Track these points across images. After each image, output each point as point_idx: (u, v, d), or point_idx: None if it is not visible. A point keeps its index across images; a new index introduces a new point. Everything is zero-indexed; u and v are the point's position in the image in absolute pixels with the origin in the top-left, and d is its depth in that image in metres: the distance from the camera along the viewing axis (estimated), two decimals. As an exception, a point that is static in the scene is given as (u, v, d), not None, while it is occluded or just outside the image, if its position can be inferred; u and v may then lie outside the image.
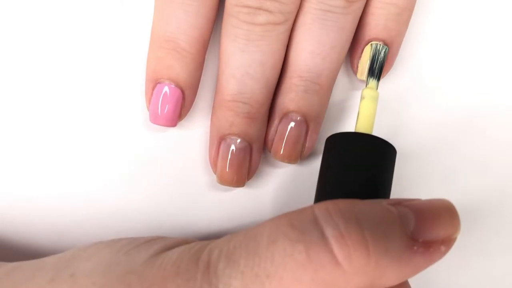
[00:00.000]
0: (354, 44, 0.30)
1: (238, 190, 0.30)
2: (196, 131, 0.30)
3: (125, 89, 0.30)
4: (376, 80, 0.27)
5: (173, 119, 0.29)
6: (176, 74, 0.28)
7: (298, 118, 0.28)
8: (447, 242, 0.21)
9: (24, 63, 0.30)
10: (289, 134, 0.29)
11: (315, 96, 0.28)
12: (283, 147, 0.29)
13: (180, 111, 0.29)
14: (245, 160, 0.28)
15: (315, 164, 0.30)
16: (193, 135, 0.30)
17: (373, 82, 0.27)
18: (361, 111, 0.26)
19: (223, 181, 0.29)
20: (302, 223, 0.20)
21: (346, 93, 0.31)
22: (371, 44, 0.28)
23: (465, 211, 0.30)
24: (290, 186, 0.30)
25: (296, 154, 0.29)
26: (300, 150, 0.29)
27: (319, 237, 0.20)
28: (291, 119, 0.28)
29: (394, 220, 0.21)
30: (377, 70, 0.27)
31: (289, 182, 0.30)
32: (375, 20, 0.29)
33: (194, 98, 0.29)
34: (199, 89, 0.30)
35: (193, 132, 0.30)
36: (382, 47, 0.28)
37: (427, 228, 0.21)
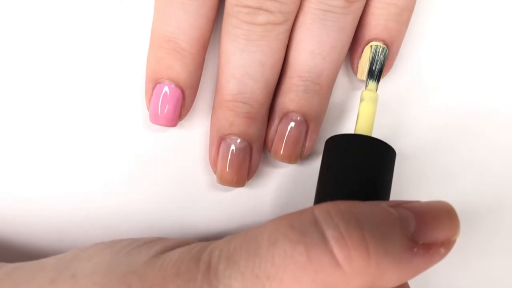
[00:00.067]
0: (354, 44, 0.30)
1: (238, 190, 0.30)
2: (196, 131, 0.30)
3: (125, 89, 0.30)
4: (376, 82, 0.27)
5: (173, 119, 0.29)
6: (176, 74, 0.28)
7: (298, 118, 0.28)
8: (447, 244, 0.21)
9: (24, 63, 0.30)
10: (289, 134, 0.29)
11: (315, 96, 0.28)
12: (283, 147, 0.29)
13: (180, 111, 0.29)
14: (245, 160, 0.28)
15: (315, 164, 0.30)
16: (193, 135, 0.30)
17: (373, 84, 0.27)
18: (361, 113, 0.26)
19: (223, 181, 0.29)
20: (303, 224, 0.20)
21: (346, 94, 0.31)
22: (371, 46, 0.28)
23: (464, 212, 0.30)
24: (290, 186, 0.30)
25: (296, 154, 0.29)
26: (300, 150, 0.29)
27: (320, 239, 0.19)
28: (291, 119, 0.28)
29: (395, 222, 0.21)
30: (377, 72, 0.27)
31: (289, 182, 0.30)
32: (375, 20, 0.29)
33: (194, 98, 0.29)
34: (199, 89, 0.30)
35: (193, 132, 0.30)
36: (382, 49, 0.28)
37: (427, 230, 0.21)
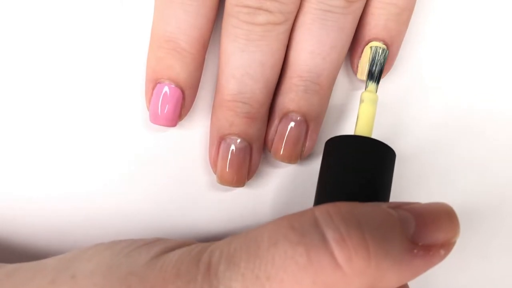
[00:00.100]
0: (354, 44, 0.30)
1: (238, 190, 0.30)
2: (196, 131, 0.30)
3: (125, 89, 0.30)
4: (376, 83, 0.27)
5: (173, 119, 0.29)
6: (176, 74, 0.28)
7: (298, 118, 0.28)
8: (447, 246, 0.21)
9: (24, 63, 0.30)
10: (289, 134, 0.29)
11: (315, 96, 0.28)
12: (283, 147, 0.29)
13: (180, 111, 0.29)
14: (245, 160, 0.28)
15: (315, 164, 0.30)
16: (193, 135, 0.30)
17: (373, 85, 0.27)
18: (361, 114, 0.26)
19: (223, 181, 0.29)
20: (303, 226, 0.20)
21: (346, 94, 0.31)
22: (371, 47, 0.28)
23: (464, 212, 0.30)
24: (290, 186, 0.30)
25: (296, 154, 0.29)
26: (300, 150, 0.29)
27: (320, 240, 0.20)
28: (291, 119, 0.28)
29: (395, 224, 0.21)
30: (377, 73, 0.27)
31: (289, 182, 0.30)
32: (375, 20, 0.29)
33: (194, 98, 0.29)
34: (199, 89, 0.30)
35: (193, 132, 0.30)
36: (382, 51, 0.28)
37: (427, 232, 0.21)
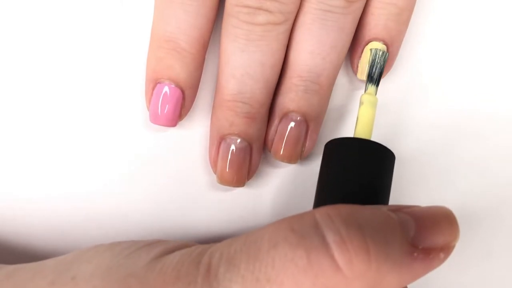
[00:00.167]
0: (354, 44, 0.30)
1: (238, 190, 0.30)
2: (196, 131, 0.30)
3: (125, 89, 0.30)
4: (375, 86, 0.27)
5: (173, 119, 0.29)
6: (176, 74, 0.28)
7: (298, 118, 0.28)
8: (446, 249, 0.21)
9: (24, 63, 0.30)
10: (289, 134, 0.29)
11: (315, 96, 0.28)
12: (283, 147, 0.29)
13: (180, 111, 0.29)
14: (245, 160, 0.28)
15: (315, 165, 0.30)
16: (193, 135, 0.30)
17: (372, 88, 0.27)
18: (360, 117, 0.26)
19: (223, 181, 0.29)
20: (303, 228, 0.20)
21: (346, 94, 0.31)
22: (371, 50, 0.28)
23: (464, 213, 0.30)
24: (290, 186, 0.30)
25: (296, 154, 0.29)
26: (300, 150, 0.29)
27: (320, 242, 0.19)
28: (291, 119, 0.28)
29: (395, 227, 0.21)
30: (376, 76, 0.27)
31: (289, 182, 0.30)
32: (375, 20, 0.29)
33: (194, 98, 0.29)
34: (199, 89, 0.30)
35: (193, 132, 0.30)
36: (382, 53, 0.28)
37: (427, 235, 0.21)
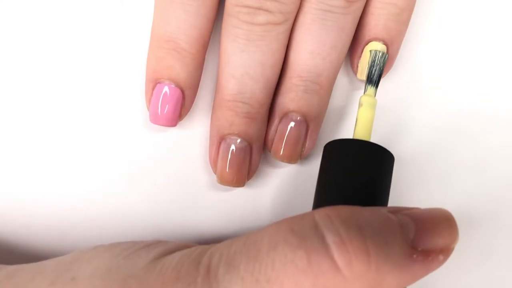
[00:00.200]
0: (354, 44, 0.30)
1: (238, 190, 0.30)
2: (196, 131, 0.30)
3: (125, 89, 0.30)
4: (375, 87, 0.27)
5: (173, 119, 0.29)
6: (176, 74, 0.28)
7: (298, 118, 0.28)
8: (445, 252, 0.21)
9: (24, 63, 0.30)
10: (289, 134, 0.29)
11: (315, 96, 0.28)
12: (283, 147, 0.29)
13: (180, 111, 0.29)
14: (245, 160, 0.28)
15: (315, 165, 0.30)
16: (193, 135, 0.30)
17: (371, 89, 0.27)
18: (359, 118, 0.26)
19: (223, 181, 0.29)
20: (303, 229, 0.20)
21: (346, 94, 0.31)
22: (370, 51, 0.28)
23: (463, 214, 0.30)
24: (290, 186, 0.30)
25: (296, 154, 0.29)
26: (300, 150, 0.29)
27: (320, 243, 0.20)
28: (291, 119, 0.28)
29: (395, 228, 0.21)
30: (376, 78, 0.27)
31: (289, 182, 0.30)
32: (375, 20, 0.29)
33: (194, 98, 0.29)
34: (199, 89, 0.30)
35: (193, 132, 0.30)
36: (382, 55, 0.28)
37: (427, 237, 0.21)
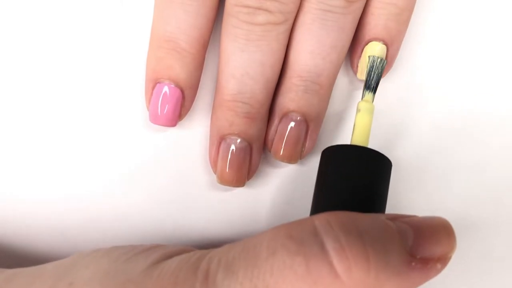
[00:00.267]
0: (354, 44, 0.30)
1: (238, 190, 0.30)
2: (196, 131, 0.30)
3: (125, 89, 0.30)
4: (372, 93, 0.27)
5: (173, 119, 0.29)
6: (176, 74, 0.28)
7: (298, 118, 0.28)
8: (443, 260, 0.21)
9: (24, 64, 0.30)
10: (289, 134, 0.29)
11: (315, 96, 0.28)
12: (283, 147, 0.29)
13: (180, 111, 0.29)
14: (245, 160, 0.28)
15: (315, 164, 0.30)
16: (193, 135, 0.30)
17: (369, 95, 0.27)
18: (357, 124, 0.26)
19: (223, 181, 0.29)
20: (302, 235, 0.20)
21: (346, 94, 0.31)
22: (369, 57, 0.28)
23: (463, 215, 0.30)
24: (290, 186, 0.30)
25: (296, 154, 0.29)
26: (300, 150, 0.29)
27: (319, 249, 0.20)
28: (291, 119, 0.28)
29: (394, 236, 0.21)
30: (374, 83, 0.27)
31: (289, 182, 0.30)
32: (375, 20, 0.29)
33: (194, 98, 0.29)
34: (199, 89, 0.30)
35: (193, 132, 0.30)
36: (380, 60, 0.28)
37: (425, 245, 0.21)
